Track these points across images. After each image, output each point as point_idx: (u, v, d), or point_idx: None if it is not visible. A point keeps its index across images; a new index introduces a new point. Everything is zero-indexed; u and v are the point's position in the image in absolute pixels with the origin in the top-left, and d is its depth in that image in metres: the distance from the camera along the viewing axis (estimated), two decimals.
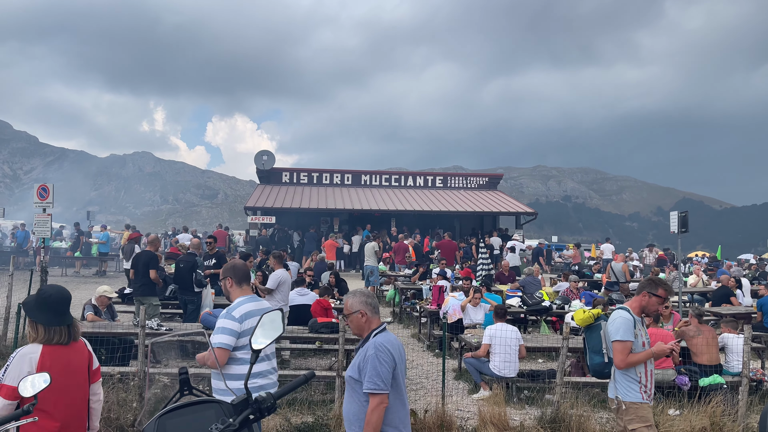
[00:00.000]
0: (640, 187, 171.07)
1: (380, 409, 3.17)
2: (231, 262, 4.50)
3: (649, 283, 4.46)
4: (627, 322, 4.29)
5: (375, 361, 3.20)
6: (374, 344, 3.27)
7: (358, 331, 3.47)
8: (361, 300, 3.46)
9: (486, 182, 32.31)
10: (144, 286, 9.82)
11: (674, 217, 12.53)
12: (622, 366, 4.31)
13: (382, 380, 3.18)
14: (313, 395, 7.77)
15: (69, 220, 32.47)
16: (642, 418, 4.32)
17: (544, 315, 11.96)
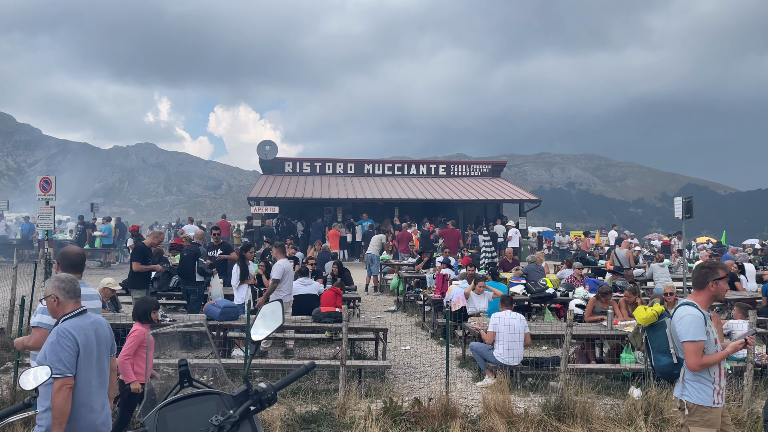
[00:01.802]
0: (645, 173, 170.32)
1: (64, 391, 3.27)
2: (60, 251, 4.58)
3: (708, 272, 4.16)
4: (697, 319, 3.99)
5: (57, 346, 3.34)
6: (56, 331, 3.43)
7: (53, 315, 3.61)
8: (54, 285, 3.60)
9: (489, 170, 32.20)
10: (130, 278, 9.94)
11: (678, 202, 12.48)
12: (696, 368, 3.98)
13: (64, 364, 3.30)
14: (317, 384, 7.79)
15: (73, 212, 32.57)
16: (708, 422, 4.01)
17: (548, 302, 11.94)
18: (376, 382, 8.00)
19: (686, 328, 4.00)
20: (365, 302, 14.10)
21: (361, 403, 6.74)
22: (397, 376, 8.38)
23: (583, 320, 9.64)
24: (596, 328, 8.93)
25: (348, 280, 12.46)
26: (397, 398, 6.47)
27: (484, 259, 15.68)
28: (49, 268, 10.65)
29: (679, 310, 4.16)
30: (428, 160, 33.02)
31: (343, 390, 6.91)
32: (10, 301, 9.86)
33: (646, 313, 4.82)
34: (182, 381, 2.34)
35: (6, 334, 9.04)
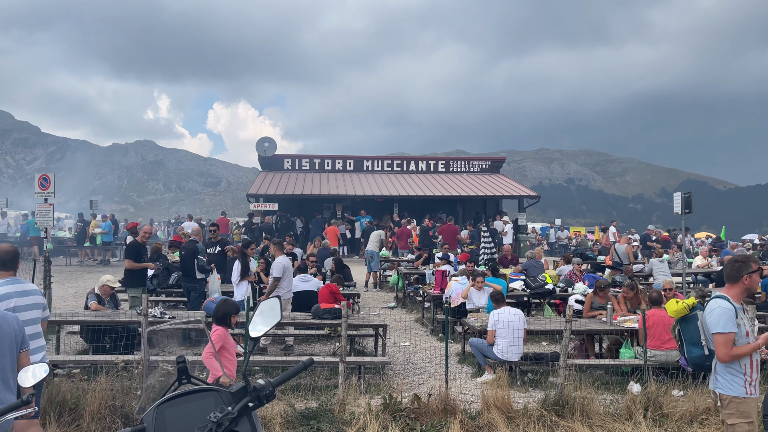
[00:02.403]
0: (644, 169, 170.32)
1: None
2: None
3: (741, 265, 4.20)
4: (727, 311, 4.06)
5: None
6: None
7: None
8: None
9: (489, 166, 32.19)
10: (125, 276, 9.94)
11: (678, 198, 12.46)
12: (725, 359, 4.06)
13: None
14: (317, 381, 7.80)
15: (72, 210, 32.51)
16: (743, 413, 4.08)
17: (547, 298, 11.94)
18: (375, 378, 8.01)
19: (716, 320, 4.08)
20: (364, 299, 14.11)
21: (360, 399, 6.74)
22: (396, 372, 8.39)
23: (582, 316, 9.65)
24: (595, 323, 8.94)
25: (347, 277, 12.46)
26: (397, 394, 6.47)
27: (484, 255, 15.67)
28: (48, 266, 10.64)
29: (711, 302, 4.25)
30: (427, 157, 33.06)
31: (343, 386, 6.91)
32: None
33: (678, 306, 4.84)
34: (180, 378, 2.33)
35: None
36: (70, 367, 6.74)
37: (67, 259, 22.20)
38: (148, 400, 2.30)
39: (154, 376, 5.87)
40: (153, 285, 10.86)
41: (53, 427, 5.53)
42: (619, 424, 6.18)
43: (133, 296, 9.88)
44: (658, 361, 7.78)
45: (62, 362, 7.00)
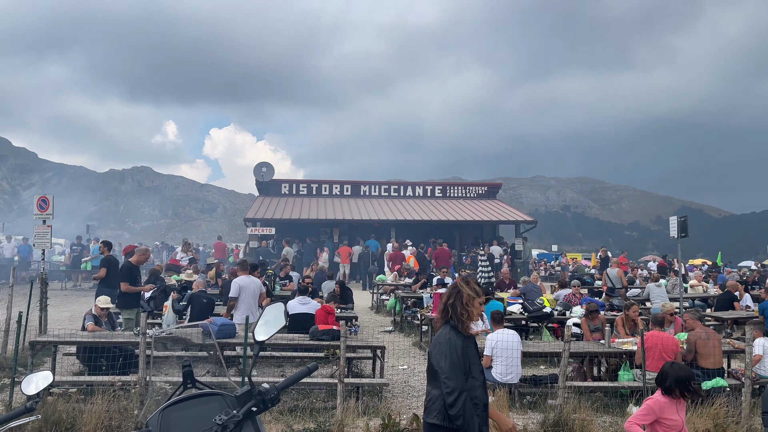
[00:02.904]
0: (639, 196, 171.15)
1: None
2: None
3: None
4: None
5: None
6: None
7: None
8: None
9: (485, 191, 32.36)
10: (119, 299, 9.87)
11: (674, 222, 12.55)
12: None
13: None
14: (315, 402, 7.74)
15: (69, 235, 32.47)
16: None
17: (545, 321, 11.93)
18: (373, 400, 7.95)
19: None
20: (362, 322, 14.04)
21: (359, 421, 6.69)
22: (395, 394, 8.34)
23: (583, 339, 9.65)
24: (594, 345, 8.93)
25: (349, 300, 12.45)
26: (396, 415, 6.44)
27: (481, 280, 15.69)
28: (45, 288, 10.59)
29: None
30: (424, 182, 33.20)
31: (341, 407, 6.87)
32: (6, 320, 9.80)
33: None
34: (185, 382, 2.35)
35: (1, 354, 8.97)
36: (67, 387, 6.69)
37: (62, 283, 22.09)
38: (152, 405, 2.31)
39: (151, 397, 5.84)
40: (150, 307, 10.80)
41: None
42: None
43: (127, 318, 9.81)
44: None
45: (58, 382, 6.94)
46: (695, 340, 8.08)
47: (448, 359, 3.39)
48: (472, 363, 3.49)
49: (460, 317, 3.55)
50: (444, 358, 3.41)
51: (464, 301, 3.55)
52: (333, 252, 24.16)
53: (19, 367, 7.59)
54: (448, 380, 3.34)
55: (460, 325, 3.55)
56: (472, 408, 3.35)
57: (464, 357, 3.44)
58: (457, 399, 3.28)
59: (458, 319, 3.54)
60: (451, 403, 3.28)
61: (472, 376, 3.44)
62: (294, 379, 2.35)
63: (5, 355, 8.90)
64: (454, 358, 3.39)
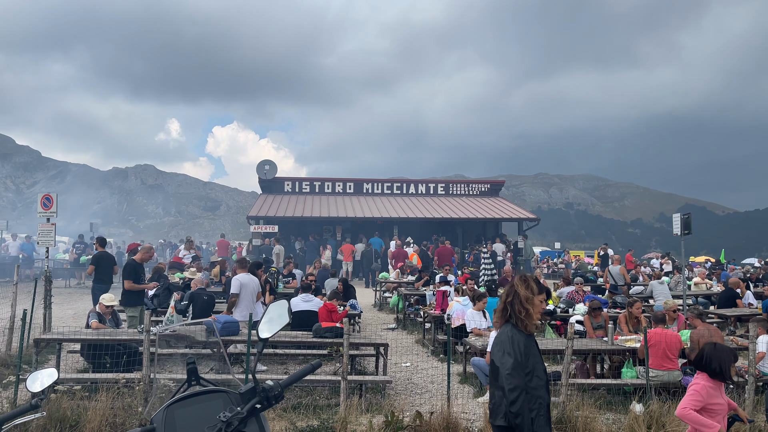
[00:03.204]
0: (642, 194, 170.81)
1: None
2: None
3: None
4: None
5: None
6: None
7: None
8: None
9: (488, 189, 32.34)
10: (123, 296, 9.92)
11: (677, 219, 12.52)
12: None
13: None
14: (318, 400, 7.76)
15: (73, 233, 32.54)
16: None
17: (548, 319, 11.92)
18: (376, 397, 7.96)
19: None
20: (365, 320, 14.07)
21: (362, 418, 6.70)
22: (398, 392, 8.35)
23: (586, 336, 9.65)
24: (597, 343, 8.92)
25: (351, 297, 12.47)
26: (399, 413, 6.45)
27: (484, 277, 15.68)
28: (49, 285, 10.63)
29: None
30: (427, 180, 33.19)
31: (345, 404, 6.88)
32: (10, 318, 9.84)
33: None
34: (190, 379, 2.36)
35: (6, 351, 9.01)
36: (71, 385, 6.72)
37: (66, 281, 22.15)
38: (157, 402, 2.32)
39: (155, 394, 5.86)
40: (154, 305, 10.84)
41: None
42: None
43: (131, 316, 9.85)
44: (660, 381, 7.76)
45: (63, 380, 6.97)
46: (698, 338, 8.08)
47: (511, 357, 3.35)
48: (536, 362, 3.45)
49: (519, 315, 3.51)
50: (506, 355, 3.37)
51: (522, 299, 3.52)
52: (336, 250, 24.20)
53: (24, 364, 7.63)
54: (510, 377, 3.29)
55: (520, 324, 3.51)
56: (537, 407, 3.29)
57: (527, 355, 3.39)
58: (518, 397, 3.24)
59: (518, 317, 3.51)
60: (512, 401, 3.25)
61: (535, 375, 3.39)
62: (298, 376, 2.36)
63: (10, 352, 8.94)
64: (516, 356, 3.36)
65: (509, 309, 3.56)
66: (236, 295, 9.17)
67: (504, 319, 3.60)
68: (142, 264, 10.38)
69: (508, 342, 3.42)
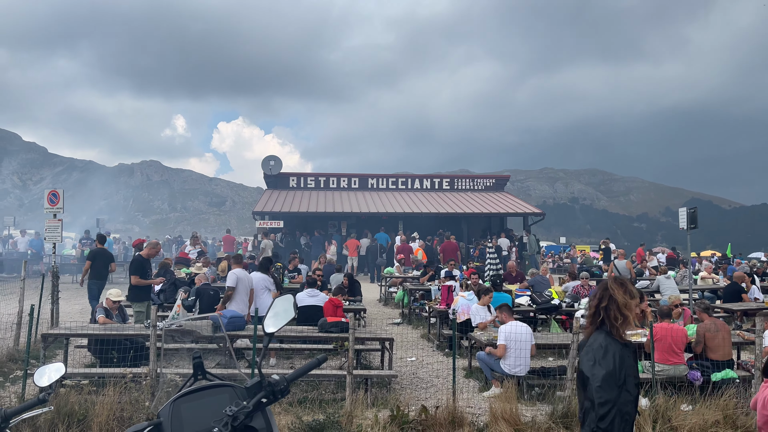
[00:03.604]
0: (648, 188, 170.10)
1: None
2: None
3: None
4: None
5: None
6: None
7: None
8: None
9: (493, 184, 32.29)
10: (130, 291, 9.99)
11: (683, 213, 12.47)
12: None
13: None
14: (324, 394, 7.79)
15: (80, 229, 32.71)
16: None
17: (553, 313, 11.92)
18: (382, 392, 7.99)
19: None
20: (370, 315, 14.09)
21: (367, 412, 6.73)
22: (403, 386, 8.37)
23: None
24: None
25: (357, 292, 12.49)
26: (404, 407, 6.46)
27: (489, 272, 15.68)
28: (56, 281, 10.69)
29: None
30: (432, 175, 33.17)
31: (350, 399, 6.91)
32: (18, 313, 9.91)
33: None
34: (196, 373, 2.37)
35: (14, 346, 9.08)
36: (78, 379, 6.76)
37: (73, 277, 22.26)
38: (163, 396, 2.34)
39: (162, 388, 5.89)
40: (160, 300, 10.88)
41: None
42: None
43: (137, 311, 9.91)
44: (666, 375, 7.75)
45: (70, 374, 7.01)
46: (704, 332, 8.06)
47: (603, 368, 3.10)
48: (628, 374, 3.17)
49: (615, 322, 3.23)
50: (597, 365, 3.12)
51: (620, 305, 3.24)
52: (341, 245, 24.22)
53: (32, 359, 7.68)
54: (600, 390, 3.05)
55: (615, 331, 3.23)
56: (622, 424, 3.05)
57: (621, 367, 3.14)
58: (608, 412, 3.02)
59: (612, 324, 3.23)
60: (602, 416, 3.02)
61: (626, 389, 3.11)
62: (304, 370, 2.37)
63: (18, 347, 9.00)
64: (609, 367, 3.10)
65: (602, 314, 3.28)
66: (232, 288, 9.24)
67: (595, 326, 3.31)
68: (149, 259, 10.44)
69: (601, 351, 3.16)
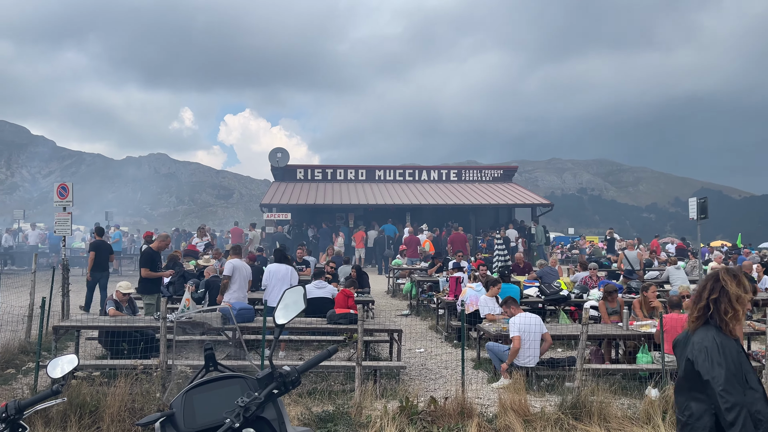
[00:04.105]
0: (657, 178, 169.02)
1: None
2: None
3: None
4: None
5: None
6: None
7: None
8: None
9: (501, 175, 32.18)
10: (140, 284, 10.04)
11: (693, 203, 12.41)
12: None
13: None
14: (333, 385, 7.82)
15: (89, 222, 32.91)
16: None
17: (562, 304, 11.89)
18: (391, 383, 8.01)
19: None
20: (378, 306, 14.12)
21: (376, 403, 6.75)
22: (412, 377, 8.39)
23: (601, 322, 9.61)
24: (612, 328, 8.89)
25: (365, 284, 12.51)
26: (413, 398, 6.48)
27: (497, 263, 15.66)
28: (66, 273, 10.77)
29: None
30: (439, 166, 33.11)
31: (359, 390, 6.93)
32: (29, 306, 9.99)
33: None
34: (207, 365, 2.38)
35: (25, 338, 9.15)
36: (90, 371, 6.82)
37: (82, 270, 22.42)
38: (175, 387, 2.35)
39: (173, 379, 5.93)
40: (169, 292, 10.93)
41: (74, 429, 5.59)
42: (637, 428, 6.14)
43: (147, 303, 9.97)
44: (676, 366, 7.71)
45: (82, 366, 7.07)
46: None
47: (723, 367, 2.83)
48: (747, 371, 2.92)
49: (725, 317, 2.98)
50: (716, 365, 2.85)
51: (732, 297, 2.99)
52: (348, 237, 24.25)
53: (43, 351, 7.76)
54: (726, 394, 2.78)
55: (725, 327, 2.98)
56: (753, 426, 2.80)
57: (739, 364, 2.90)
58: (738, 415, 2.76)
59: (722, 319, 2.98)
60: (732, 421, 2.76)
61: (750, 387, 2.85)
62: (314, 362, 2.37)
63: (29, 339, 9.08)
64: (729, 366, 2.84)
65: (712, 308, 3.02)
66: (228, 277, 9.29)
67: (703, 320, 3.05)
68: (159, 252, 10.48)
69: (717, 349, 2.89)
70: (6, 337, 8.72)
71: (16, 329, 9.18)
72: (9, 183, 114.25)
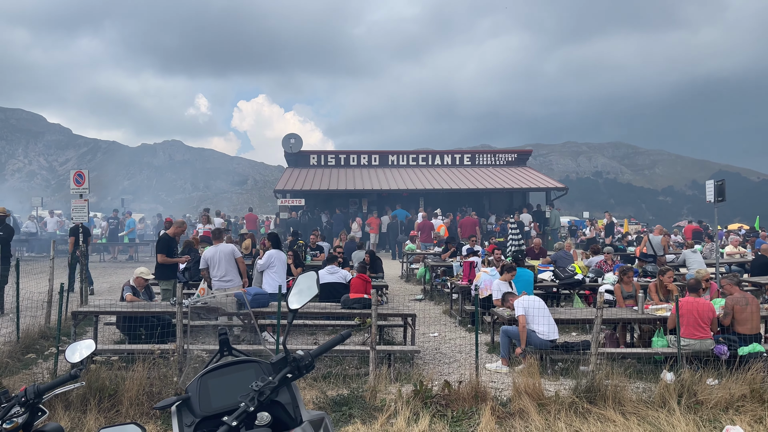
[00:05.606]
0: (674, 161, 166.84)
1: None
2: None
3: None
4: None
5: None
6: None
7: None
8: None
9: (515, 158, 31.95)
10: (157, 269, 10.15)
11: (710, 186, 12.22)
12: None
13: None
14: (347, 369, 7.87)
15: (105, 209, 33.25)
16: None
17: (576, 288, 11.84)
18: (405, 367, 8.05)
19: None
20: (392, 291, 14.15)
21: (391, 387, 6.79)
22: (426, 361, 8.42)
23: (616, 305, 9.57)
24: (627, 312, 8.85)
25: (379, 269, 12.54)
26: (427, 382, 6.51)
27: (511, 247, 15.60)
28: (84, 260, 10.91)
29: None
30: (453, 150, 32.91)
31: (374, 374, 6.97)
32: (48, 292, 10.14)
33: None
34: (222, 349, 2.40)
35: (45, 323, 9.31)
36: (108, 356, 6.93)
37: (100, 256, 22.72)
38: (191, 372, 2.38)
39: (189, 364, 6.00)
40: (185, 278, 11.03)
41: (94, 413, 5.70)
42: (652, 411, 6.13)
43: (164, 289, 10.08)
44: (692, 350, 7.67)
45: (101, 351, 7.19)
46: (733, 305, 7.94)
47: None
48: None
49: None
50: None
51: None
52: (364, 222, 24.32)
53: (63, 336, 7.89)
54: None
55: None
56: None
57: None
58: None
59: None
60: None
61: None
62: (328, 346, 2.38)
63: (49, 325, 9.23)
64: None
65: None
66: (205, 269, 9.46)
67: None
68: (175, 238, 10.57)
69: None
70: (27, 322, 8.87)
71: (35, 315, 9.34)
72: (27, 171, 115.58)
